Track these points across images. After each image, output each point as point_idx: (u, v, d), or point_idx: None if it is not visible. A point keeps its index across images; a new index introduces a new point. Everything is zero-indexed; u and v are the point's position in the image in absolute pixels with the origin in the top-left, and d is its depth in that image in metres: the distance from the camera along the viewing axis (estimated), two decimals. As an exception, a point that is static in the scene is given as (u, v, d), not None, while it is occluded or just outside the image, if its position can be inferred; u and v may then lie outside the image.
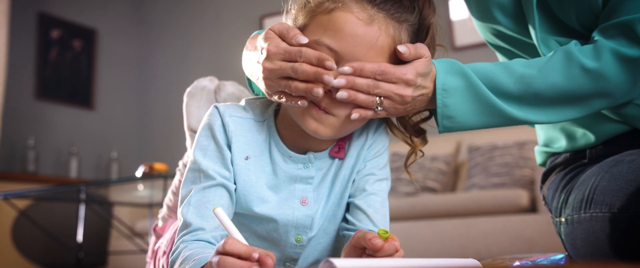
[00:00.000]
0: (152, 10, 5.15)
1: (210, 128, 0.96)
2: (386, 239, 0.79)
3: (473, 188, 3.10)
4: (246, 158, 0.96)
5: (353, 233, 0.90)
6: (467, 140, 3.50)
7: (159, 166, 2.78)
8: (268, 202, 0.96)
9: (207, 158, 0.95)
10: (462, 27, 3.90)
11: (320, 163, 0.99)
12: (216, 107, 0.98)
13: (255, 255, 0.71)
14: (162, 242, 1.23)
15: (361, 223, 0.97)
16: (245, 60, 1.00)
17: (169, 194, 1.37)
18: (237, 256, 0.72)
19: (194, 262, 0.82)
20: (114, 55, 4.93)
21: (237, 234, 0.77)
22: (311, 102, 0.90)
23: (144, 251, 2.89)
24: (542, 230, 2.55)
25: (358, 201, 0.99)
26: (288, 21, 0.96)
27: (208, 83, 1.38)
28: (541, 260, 1.15)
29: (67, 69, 4.59)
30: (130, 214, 3.81)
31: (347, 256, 0.86)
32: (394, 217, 1.02)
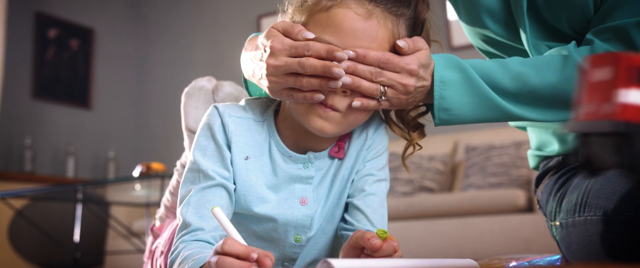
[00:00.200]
0: (150, 9, 5.14)
1: (209, 128, 0.96)
2: (385, 239, 0.79)
3: (470, 188, 3.10)
4: (246, 158, 0.96)
5: (351, 233, 0.90)
6: (464, 140, 3.50)
7: (156, 166, 2.78)
8: (268, 202, 0.97)
9: (207, 158, 0.95)
10: (459, 27, 3.89)
11: (320, 163, 0.99)
12: (216, 107, 0.98)
13: (253, 255, 0.72)
14: (160, 242, 1.24)
15: (359, 223, 0.97)
16: (244, 60, 1.00)
17: (167, 194, 1.37)
18: (236, 256, 0.72)
19: (193, 262, 0.82)
20: (112, 54, 4.92)
21: (236, 234, 0.77)
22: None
23: (141, 251, 2.89)
24: (539, 230, 2.56)
25: (357, 201, 0.99)
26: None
27: (206, 83, 1.38)
28: (537, 260, 1.15)
29: (65, 69, 4.58)
30: (127, 214, 3.81)
31: (346, 256, 0.86)
32: (391, 217, 1.02)
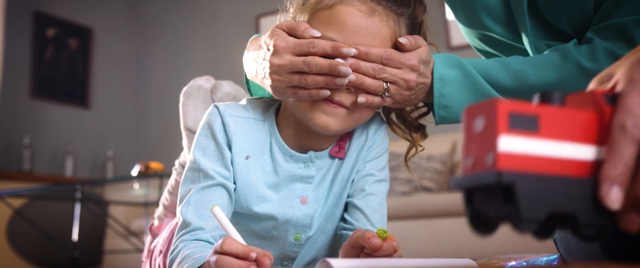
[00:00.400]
0: (149, 9, 5.14)
1: (210, 127, 0.96)
2: (385, 239, 0.80)
3: (469, 188, 3.10)
4: (247, 157, 0.96)
5: (351, 232, 0.90)
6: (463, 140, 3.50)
7: (155, 165, 2.78)
8: (268, 201, 0.97)
9: (207, 157, 0.95)
10: (458, 27, 3.90)
11: (320, 162, 1.00)
12: (216, 107, 0.98)
13: (253, 254, 0.72)
14: (158, 241, 1.24)
15: (359, 223, 0.98)
16: (247, 61, 1.00)
17: (165, 193, 1.38)
18: (235, 255, 0.72)
19: (193, 261, 0.82)
20: (110, 54, 4.92)
21: (235, 234, 0.77)
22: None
23: (140, 250, 2.89)
24: (538, 230, 2.56)
25: (357, 201, 0.99)
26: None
27: (204, 82, 1.38)
28: (535, 260, 1.16)
29: (63, 68, 4.58)
30: (125, 213, 3.81)
31: (345, 255, 0.86)
32: (390, 217, 1.03)
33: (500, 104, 0.42)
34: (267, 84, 0.92)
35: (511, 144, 0.42)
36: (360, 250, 0.84)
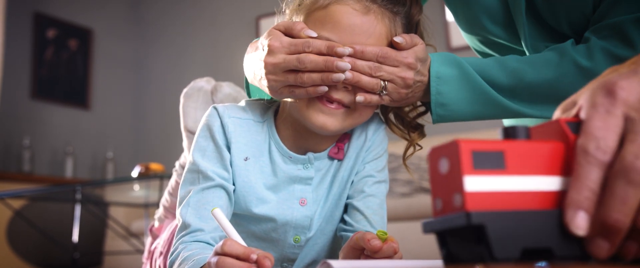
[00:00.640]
0: (149, 10, 5.14)
1: (209, 129, 0.96)
2: (385, 240, 0.79)
3: (469, 189, 3.10)
4: (245, 159, 0.96)
5: (351, 234, 0.90)
6: (463, 141, 3.50)
7: (155, 166, 2.78)
8: (267, 203, 0.97)
9: (206, 159, 0.95)
10: (457, 29, 3.90)
11: (319, 164, 1.00)
12: (215, 108, 0.98)
13: (253, 256, 0.72)
14: (159, 243, 1.24)
15: (359, 224, 0.97)
16: (246, 63, 1.00)
17: (166, 195, 1.38)
18: (236, 257, 0.73)
19: (193, 263, 0.82)
20: (110, 55, 4.92)
21: (235, 235, 0.77)
22: (317, 97, 0.91)
23: (140, 251, 2.89)
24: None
25: (356, 202, 0.99)
26: None
27: (205, 84, 1.38)
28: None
29: (63, 69, 4.58)
30: (126, 214, 3.81)
31: (346, 257, 0.86)
32: (390, 218, 1.03)
33: (462, 144, 0.41)
34: (265, 85, 0.92)
35: (478, 183, 0.41)
36: (360, 251, 0.83)
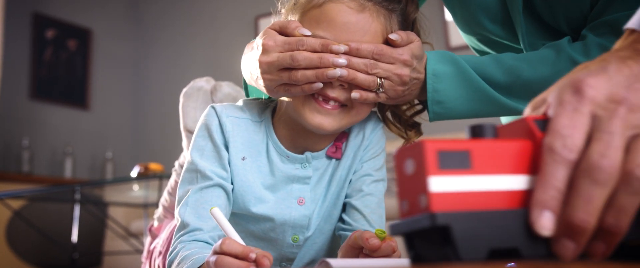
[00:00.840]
0: (148, 10, 5.14)
1: (207, 128, 0.97)
2: (383, 239, 0.80)
3: (468, 188, 3.10)
4: (243, 158, 0.96)
5: (349, 233, 0.91)
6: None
7: (154, 166, 2.78)
8: (265, 202, 0.97)
9: (204, 158, 0.95)
10: (456, 28, 3.90)
11: (317, 163, 1.00)
12: (213, 107, 0.98)
13: (252, 255, 0.72)
14: (158, 242, 1.24)
15: (357, 223, 0.97)
16: (243, 64, 1.00)
17: (165, 194, 1.38)
18: (235, 256, 0.73)
19: (192, 262, 0.82)
20: (109, 55, 4.92)
21: (234, 234, 0.77)
22: (313, 96, 0.90)
23: (139, 251, 2.89)
24: (537, 230, 2.56)
25: (354, 201, 0.99)
26: None
27: (204, 84, 1.38)
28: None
29: (62, 69, 4.58)
30: (125, 214, 3.80)
31: (344, 256, 0.86)
32: (389, 217, 1.03)
33: (427, 144, 0.41)
34: (261, 85, 0.92)
35: (443, 184, 0.40)
36: (359, 250, 0.84)
